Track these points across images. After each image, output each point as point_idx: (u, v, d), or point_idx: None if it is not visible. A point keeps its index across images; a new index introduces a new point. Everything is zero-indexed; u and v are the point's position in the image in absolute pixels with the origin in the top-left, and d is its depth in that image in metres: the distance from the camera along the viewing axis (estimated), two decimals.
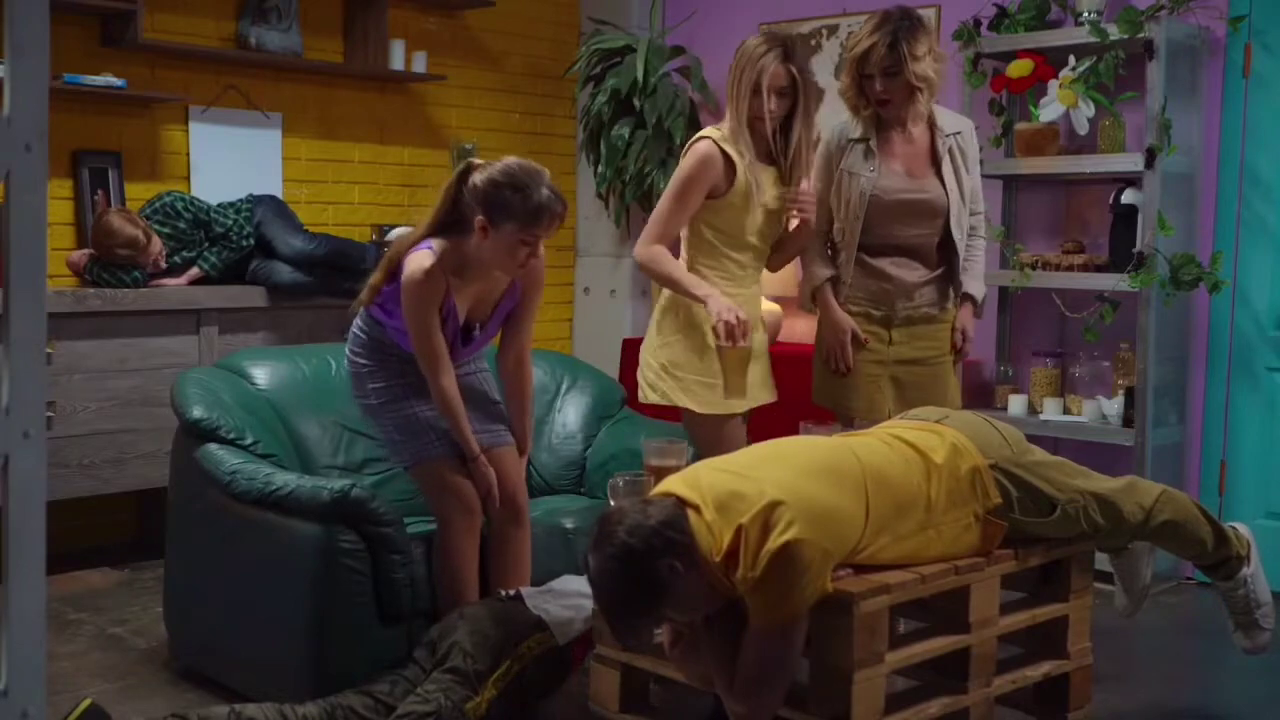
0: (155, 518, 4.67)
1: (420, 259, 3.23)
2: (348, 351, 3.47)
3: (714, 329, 3.47)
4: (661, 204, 3.60)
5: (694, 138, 3.60)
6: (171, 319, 4.63)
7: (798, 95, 3.53)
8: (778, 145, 3.58)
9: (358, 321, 3.46)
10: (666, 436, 3.63)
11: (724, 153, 3.51)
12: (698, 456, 3.34)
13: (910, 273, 3.73)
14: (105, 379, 4.47)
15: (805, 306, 3.84)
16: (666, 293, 3.66)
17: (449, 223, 3.28)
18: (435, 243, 3.26)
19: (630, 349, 5.82)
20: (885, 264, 3.72)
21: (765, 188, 3.56)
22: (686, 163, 3.55)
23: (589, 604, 3.07)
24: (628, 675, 2.99)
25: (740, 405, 3.63)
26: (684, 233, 3.64)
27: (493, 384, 3.56)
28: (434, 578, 3.34)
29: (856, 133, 3.73)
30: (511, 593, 3.29)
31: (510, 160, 3.26)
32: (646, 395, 3.67)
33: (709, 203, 3.55)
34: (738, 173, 3.51)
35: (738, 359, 3.57)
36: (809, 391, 3.91)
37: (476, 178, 3.22)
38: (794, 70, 3.50)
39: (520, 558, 3.43)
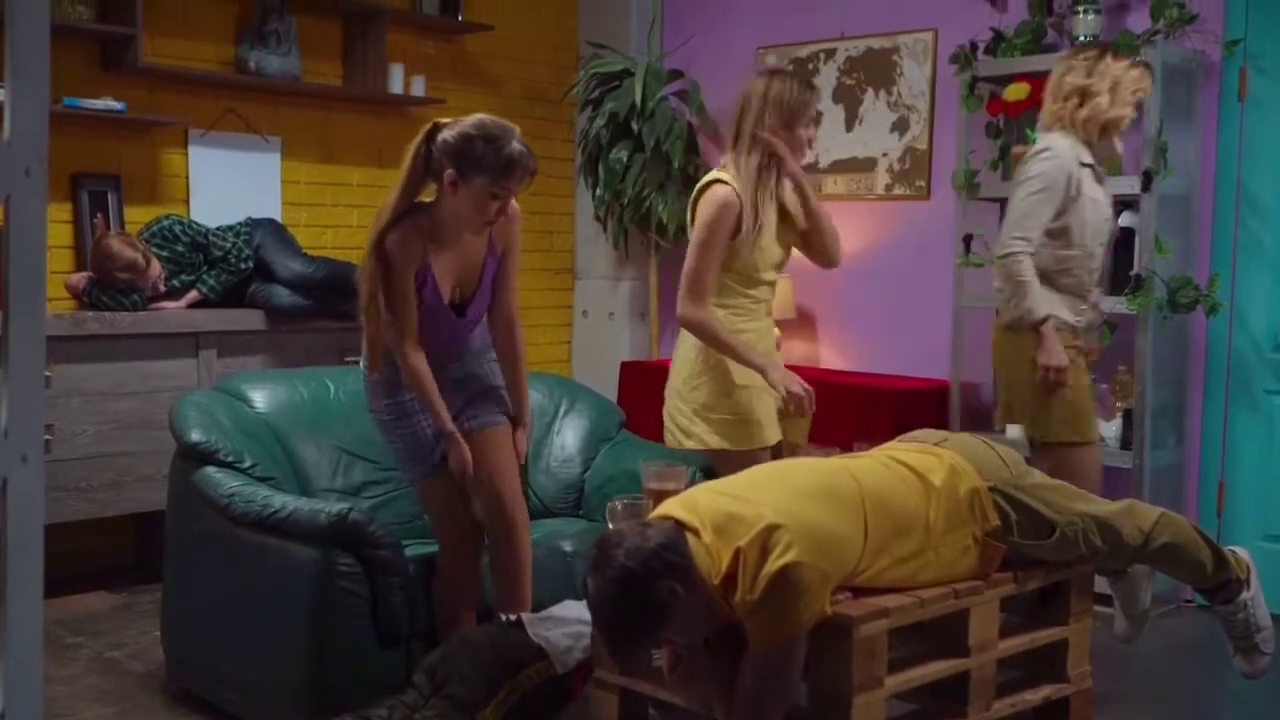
0: (153, 541, 4.65)
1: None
2: (362, 367, 3.41)
3: (784, 402, 3.43)
4: (692, 259, 3.45)
5: (705, 183, 3.48)
6: (170, 342, 4.63)
7: None
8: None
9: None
10: (665, 460, 3.62)
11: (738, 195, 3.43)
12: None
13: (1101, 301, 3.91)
14: (104, 402, 4.47)
15: (1018, 327, 3.70)
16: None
17: (421, 185, 3.24)
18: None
19: (629, 371, 5.82)
20: (1098, 294, 3.89)
21: (770, 224, 3.50)
22: (707, 211, 3.43)
23: (589, 631, 3.06)
24: (626, 699, 2.98)
25: (772, 439, 3.58)
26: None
27: (499, 374, 3.47)
28: (432, 601, 3.34)
29: (1088, 157, 3.78)
30: (513, 618, 3.28)
31: (480, 115, 3.22)
32: (681, 441, 3.56)
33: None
34: (745, 216, 3.42)
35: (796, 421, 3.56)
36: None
37: (446, 134, 3.17)
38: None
39: (512, 574, 3.33)
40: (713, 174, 3.50)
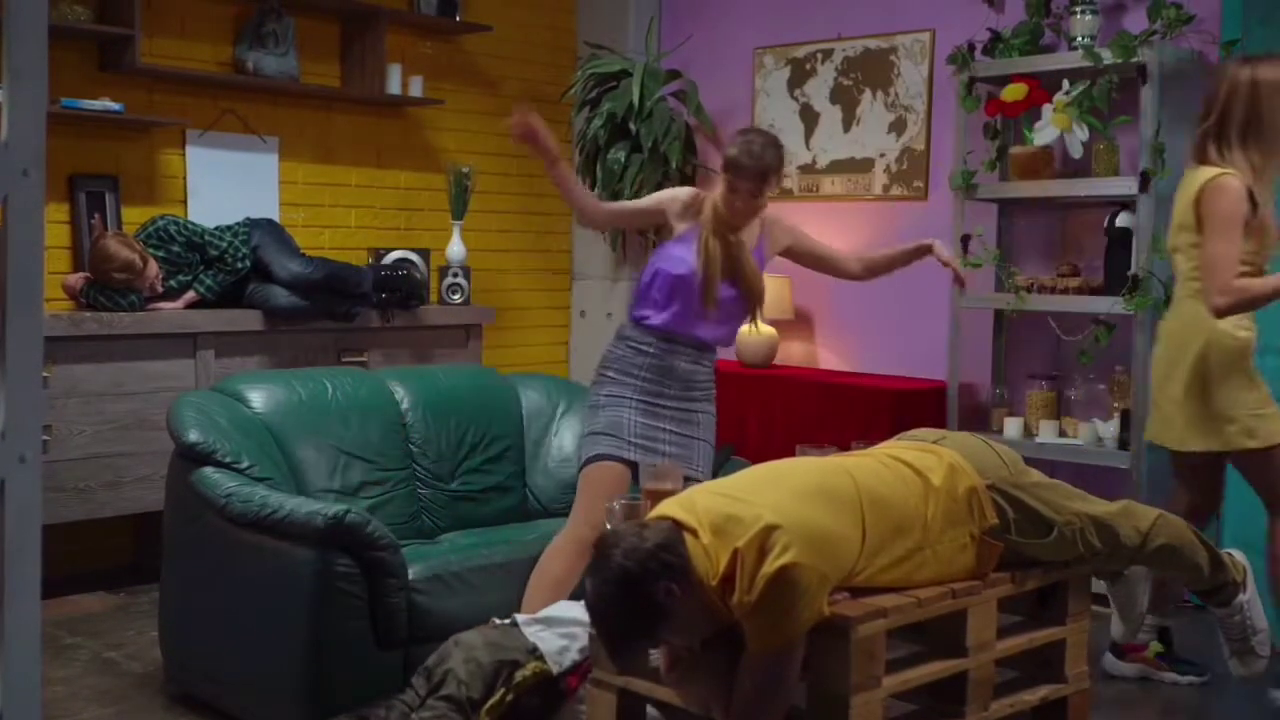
0: (151, 542, 4.65)
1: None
2: (598, 368, 3.65)
3: None
4: (1218, 247, 3.51)
5: (1212, 177, 3.56)
6: (168, 342, 4.63)
7: None
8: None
9: (616, 338, 3.65)
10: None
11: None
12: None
13: None
14: (101, 402, 4.47)
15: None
16: (1194, 340, 3.61)
17: None
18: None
19: None
20: None
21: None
22: (1227, 203, 3.52)
23: (584, 632, 3.06)
24: (624, 699, 2.98)
25: None
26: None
27: (702, 423, 3.62)
28: (537, 567, 3.48)
29: None
30: (508, 620, 3.28)
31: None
32: (1243, 442, 3.58)
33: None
34: (1257, 203, 3.56)
35: None
36: (805, 413, 3.90)
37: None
38: None
39: None
40: (1220, 169, 3.58)
